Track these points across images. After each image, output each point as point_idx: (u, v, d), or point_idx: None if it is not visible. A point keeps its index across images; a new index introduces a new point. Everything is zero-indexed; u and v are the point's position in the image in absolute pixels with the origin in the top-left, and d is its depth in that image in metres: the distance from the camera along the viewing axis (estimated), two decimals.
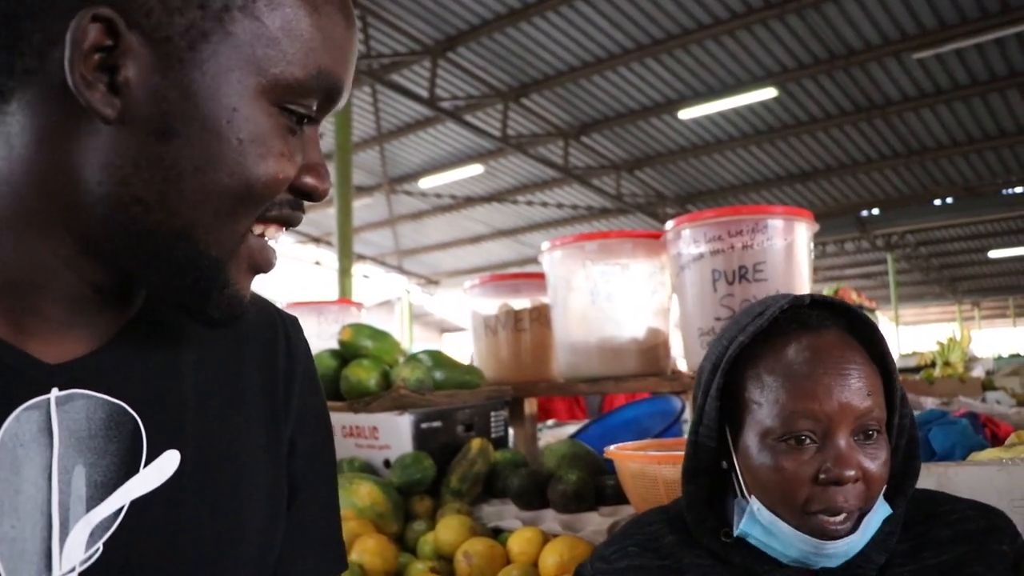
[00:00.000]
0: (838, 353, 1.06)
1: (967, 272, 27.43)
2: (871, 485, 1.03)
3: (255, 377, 0.90)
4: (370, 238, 23.29)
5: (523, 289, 2.85)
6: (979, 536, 1.09)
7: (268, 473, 0.89)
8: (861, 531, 1.03)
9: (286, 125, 0.74)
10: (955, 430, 1.91)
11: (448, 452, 2.34)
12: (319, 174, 0.79)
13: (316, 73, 0.74)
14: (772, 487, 1.05)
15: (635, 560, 1.17)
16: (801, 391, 1.04)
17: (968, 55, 12.22)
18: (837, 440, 1.02)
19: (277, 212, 0.77)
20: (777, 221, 2.20)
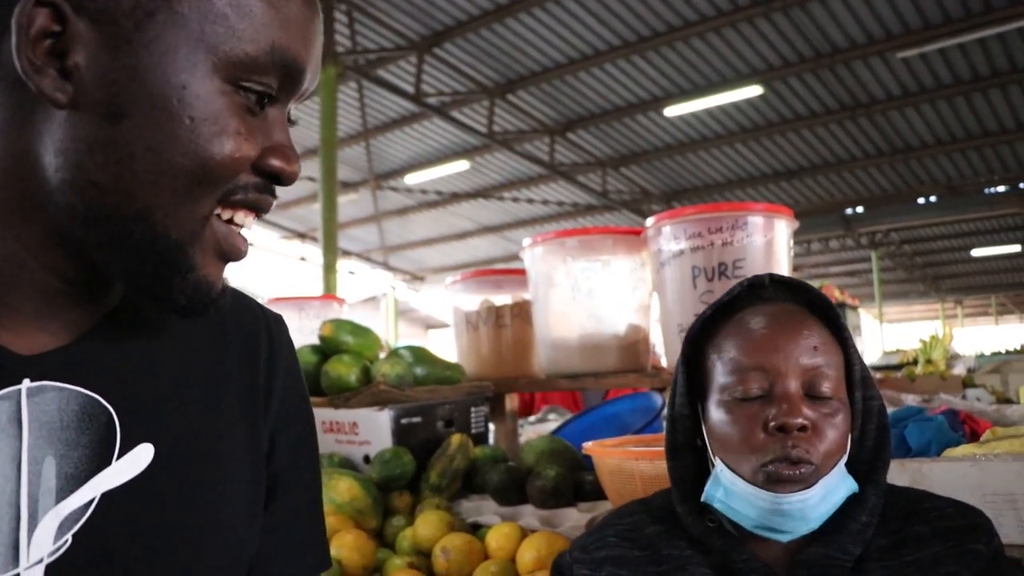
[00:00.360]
0: (790, 317, 1.11)
1: (950, 270, 27.61)
2: (822, 443, 1.05)
3: (236, 373, 0.90)
4: (355, 234, 23.25)
5: (505, 285, 2.86)
6: (957, 534, 1.09)
7: (247, 470, 0.88)
8: (820, 492, 1.04)
9: (243, 104, 0.73)
10: (931, 427, 1.92)
11: (428, 448, 2.34)
12: (285, 155, 0.78)
13: (269, 49, 0.73)
14: (729, 442, 1.09)
15: (613, 550, 1.18)
16: (751, 347, 1.10)
17: (951, 55, 12.28)
18: (785, 388, 1.06)
19: (243, 196, 0.76)
20: (757, 218, 2.20)
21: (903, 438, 1.95)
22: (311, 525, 0.98)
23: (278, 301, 3.41)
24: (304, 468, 0.97)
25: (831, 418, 1.06)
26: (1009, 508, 1.52)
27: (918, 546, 1.09)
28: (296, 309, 3.28)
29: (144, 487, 0.77)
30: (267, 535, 0.91)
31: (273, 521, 0.92)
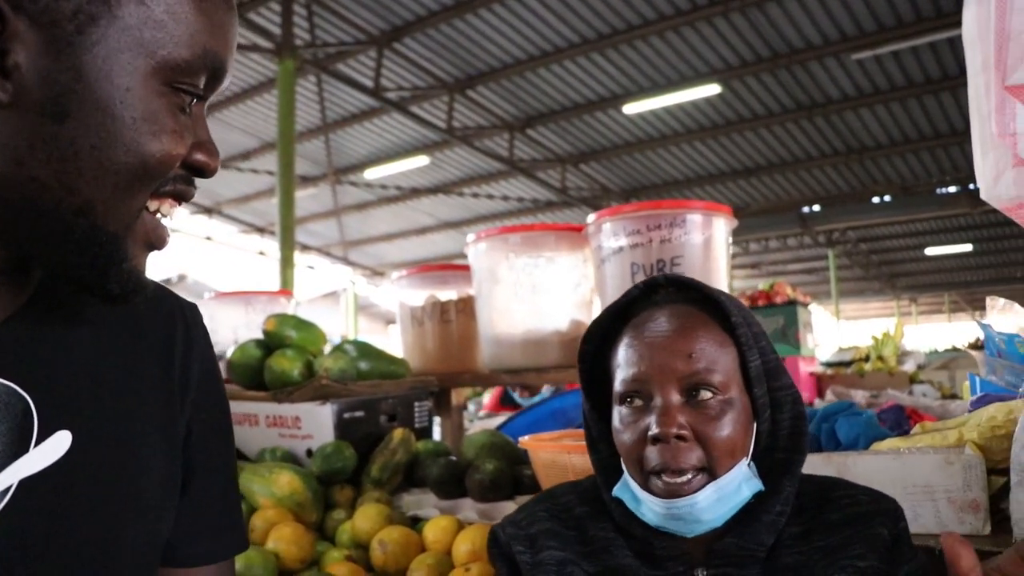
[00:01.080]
0: (669, 322, 1.12)
1: (905, 268, 28.06)
2: (709, 446, 1.06)
3: (152, 361, 0.92)
4: (315, 228, 23.12)
5: (450, 281, 2.88)
6: (865, 519, 1.12)
7: (163, 456, 0.90)
8: (711, 495, 1.06)
9: (177, 104, 0.78)
10: (860, 421, 1.96)
11: (371, 442, 2.35)
12: (209, 151, 0.83)
13: (202, 53, 0.78)
14: (623, 451, 1.12)
15: (545, 524, 1.20)
16: (633, 359, 1.11)
17: (904, 57, 12.49)
18: (660, 399, 1.08)
19: (171, 187, 0.81)
20: (696, 216, 2.24)
21: (833, 432, 1.99)
22: (227, 509, 1.01)
23: (226, 295, 3.40)
24: (219, 454, 1.00)
25: (716, 420, 1.07)
26: (928, 499, 1.57)
27: (828, 532, 1.12)
28: (243, 303, 3.28)
29: (62, 473, 0.79)
30: (184, 519, 0.94)
31: (190, 505, 0.95)
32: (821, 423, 2.02)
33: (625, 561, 1.13)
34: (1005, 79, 1.53)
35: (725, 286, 2.31)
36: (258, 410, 2.46)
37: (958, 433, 1.68)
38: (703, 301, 1.16)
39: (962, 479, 1.54)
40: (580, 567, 1.14)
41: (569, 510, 1.22)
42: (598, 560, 1.14)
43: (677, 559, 1.11)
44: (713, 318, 1.14)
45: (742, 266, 26.46)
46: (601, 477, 1.21)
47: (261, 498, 2.10)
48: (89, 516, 0.81)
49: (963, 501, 1.54)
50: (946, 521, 1.54)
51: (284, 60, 11.74)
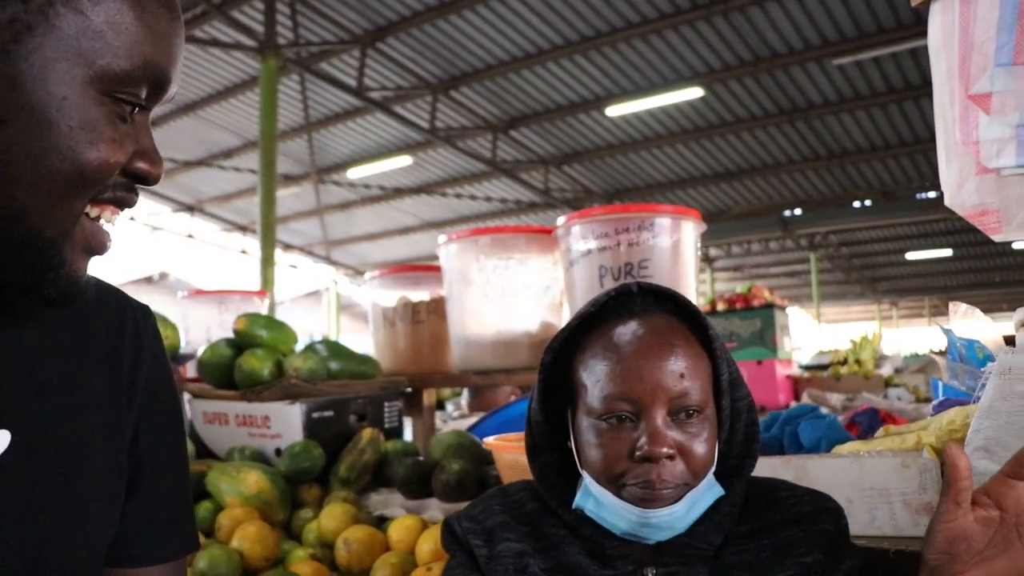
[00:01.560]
0: (655, 337, 1.12)
1: (886, 273, 28.25)
2: (691, 462, 1.08)
3: (99, 364, 0.93)
4: (298, 227, 23.07)
5: (422, 282, 2.89)
6: (808, 518, 1.14)
7: (108, 457, 0.91)
8: (686, 505, 1.08)
9: (116, 113, 0.78)
10: (822, 424, 1.98)
11: (340, 441, 2.36)
12: (151, 159, 0.83)
13: (142, 64, 0.78)
14: (596, 462, 1.11)
15: (500, 518, 1.21)
16: (619, 374, 1.10)
17: (885, 63, 12.58)
18: (651, 419, 1.08)
19: (111, 194, 0.81)
20: (664, 220, 2.26)
21: (796, 435, 2.02)
22: (177, 509, 1.02)
23: (199, 294, 3.40)
24: (169, 455, 1.01)
25: (698, 437, 1.09)
26: (883, 502, 1.59)
27: (774, 531, 1.14)
28: (216, 303, 3.28)
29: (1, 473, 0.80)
30: (132, 519, 0.95)
31: (138, 505, 0.96)
32: (784, 426, 2.04)
33: (576, 559, 1.14)
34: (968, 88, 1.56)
35: (693, 289, 2.34)
36: (228, 409, 2.46)
37: (916, 437, 1.70)
38: (676, 312, 1.17)
39: (918, 482, 1.56)
40: (535, 560, 1.15)
41: (521, 506, 1.23)
42: (550, 556, 1.15)
43: (627, 558, 1.13)
44: (689, 330, 1.15)
45: (724, 269, 26.58)
46: (543, 486, 1.21)
47: (228, 497, 2.11)
48: (27, 516, 0.82)
49: (918, 503, 1.56)
50: (901, 523, 1.56)
51: (267, 59, 11.71)
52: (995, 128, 1.51)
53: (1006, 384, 1.37)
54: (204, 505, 2.14)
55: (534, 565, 1.14)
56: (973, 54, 1.54)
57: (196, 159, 18.36)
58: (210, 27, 12.69)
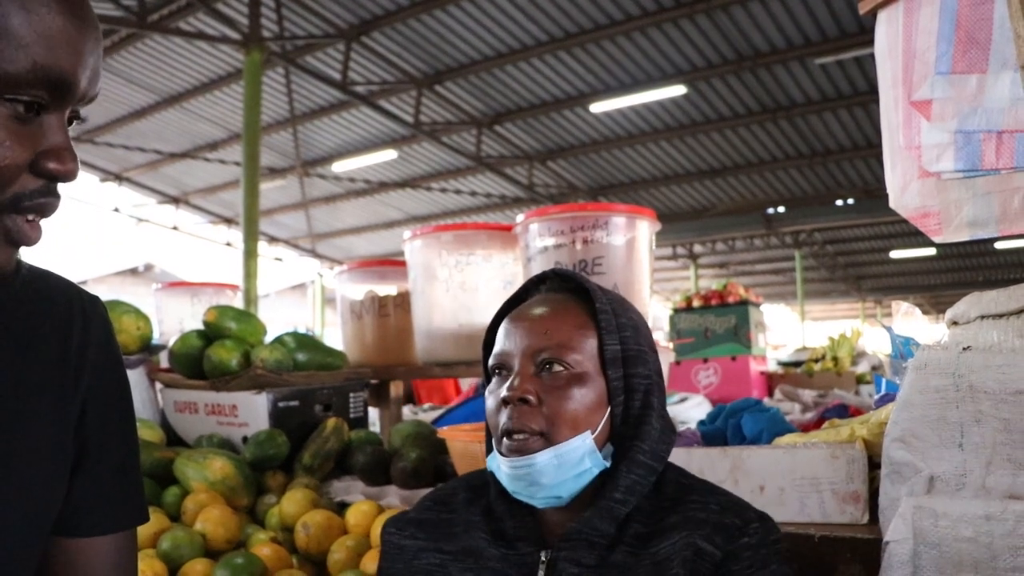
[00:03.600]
0: (539, 307, 1.23)
1: (871, 271, 28.41)
2: (552, 414, 1.14)
3: (45, 349, 0.99)
4: (283, 220, 23.07)
5: (389, 276, 2.96)
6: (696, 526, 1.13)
7: (52, 436, 0.98)
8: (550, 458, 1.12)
9: (10, 115, 0.80)
10: (764, 417, 2.06)
11: (305, 430, 2.43)
12: (60, 157, 0.83)
13: (30, 67, 0.79)
14: (487, 419, 1.23)
15: (423, 514, 1.30)
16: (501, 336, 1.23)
17: (866, 63, 12.66)
18: (515, 368, 1.18)
19: (30, 203, 0.83)
20: (619, 218, 2.34)
21: (739, 427, 2.10)
22: (126, 483, 1.09)
23: (173, 286, 3.47)
24: (117, 432, 1.08)
25: (560, 391, 1.15)
26: (813, 491, 1.68)
27: (663, 537, 1.14)
28: (189, 295, 3.35)
29: None
30: (81, 492, 1.02)
31: (87, 479, 1.03)
32: (728, 419, 2.12)
33: (478, 542, 1.20)
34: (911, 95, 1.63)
35: (646, 285, 2.41)
36: (197, 398, 2.53)
37: (851, 429, 1.78)
38: (580, 291, 1.26)
39: (845, 472, 1.65)
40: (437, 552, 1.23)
41: (454, 495, 1.32)
42: (458, 541, 1.23)
43: (526, 540, 1.18)
44: (582, 306, 1.23)
45: (709, 265, 26.71)
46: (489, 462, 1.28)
47: (194, 482, 2.18)
48: None
49: (846, 492, 1.64)
50: (829, 511, 1.65)
51: (251, 52, 11.72)
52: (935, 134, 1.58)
53: (922, 378, 1.44)
54: (172, 490, 2.21)
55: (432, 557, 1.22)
56: (915, 62, 1.61)
57: (181, 151, 18.34)
58: (195, 19, 12.68)
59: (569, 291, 1.27)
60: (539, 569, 1.16)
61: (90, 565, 1.05)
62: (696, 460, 1.78)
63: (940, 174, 1.57)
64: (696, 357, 7.09)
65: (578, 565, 1.13)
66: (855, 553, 1.53)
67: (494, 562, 1.18)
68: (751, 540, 1.13)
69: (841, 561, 1.55)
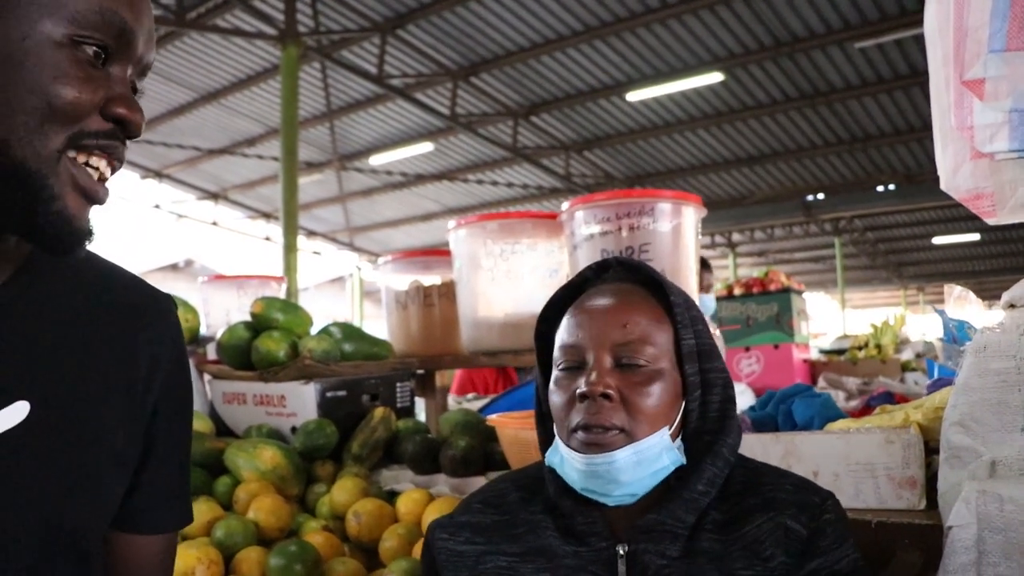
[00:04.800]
0: (609, 296, 1.21)
1: (912, 257, 28.03)
2: (634, 410, 1.13)
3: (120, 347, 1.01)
4: (321, 214, 23.23)
5: (433, 266, 2.97)
6: (778, 507, 1.15)
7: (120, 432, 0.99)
8: (630, 456, 1.11)
9: (82, 58, 0.86)
10: (816, 403, 2.04)
11: (352, 420, 2.44)
12: (127, 103, 0.89)
13: (98, 9, 0.86)
14: (554, 411, 1.19)
15: (475, 516, 1.28)
16: (573, 326, 1.20)
17: (907, 46, 12.50)
18: (592, 363, 1.15)
19: (94, 141, 0.88)
20: (665, 205, 2.31)
21: (790, 413, 2.08)
22: (180, 485, 1.11)
23: (219, 279, 3.50)
24: (179, 435, 1.10)
25: (641, 387, 1.13)
26: (868, 476, 1.66)
27: (746, 520, 1.15)
28: (235, 287, 3.38)
29: (19, 439, 0.88)
30: (140, 491, 1.04)
31: (147, 479, 1.05)
32: (779, 404, 2.10)
33: (548, 541, 1.19)
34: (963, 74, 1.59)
35: (693, 272, 2.39)
36: (246, 389, 2.55)
37: (905, 415, 1.76)
38: (647, 283, 1.25)
39: (901, 457, 1.63)
40: (500, 555, 1.20)
41: (504, 496, 1.30)
42: (524, 542, 1.21)
43: (599, 535, 1.16)
44: (654, 298, 1.22)
45: (748, 254, 26.51)
46: (543, 453, 1.27)
47: (245, 472, 2.20)
48: (42, 478, 0.90)
49: (902, 478, 1.62)
50: (885, 496, 1.62)
51: (288, 47, 11.81)
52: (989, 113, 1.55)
53: (981, 362, 1.42)
54: (223, 480, 2.23)
55: (498, 560, 1.20)
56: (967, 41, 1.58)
57: (219, 147, 18.53)
58: (231, 16, 12.80)
59: (633, 282, 1.25)
60: (618, 563, 1.14)
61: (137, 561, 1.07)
62: (749, 446, 1.77)
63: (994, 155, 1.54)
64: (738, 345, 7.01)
65: (663, 556, 1.13)
66: (913, 539, 1.51)
67: (568, 559, 1.16)
68: (831, 516, 1.16)
69: (899, 547, 1.53)
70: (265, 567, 1.83)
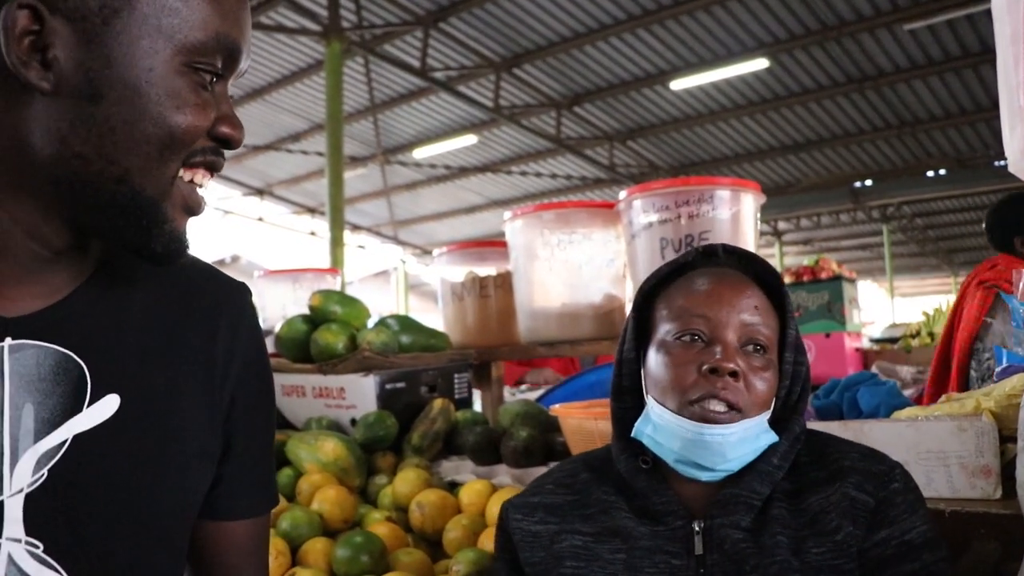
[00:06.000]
0: (735, 279, 1.23)
1: (962, 244, 27.48)
2: (751, 391, 1.15)
3: (199, 337, 1.02)
4: (365, 208, 23.34)
5: (489, 257, 2.97)
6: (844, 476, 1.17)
7: (203, 422, 1.01)
8: (739, 432, 1.13)
9: (197, 82, 0.88)
10: (881, 391, 2.02)
11: (412, 411, 2.46)
12: (232, 123, 0.93)
13: (215, 35, 0.88)
14: (662, 380, 1.19)
15: (547, 497, 1.28)
16: (697, 298, 1.21)
17: (959, 26, 12.23)
18: (724, 339, 1.17)
19: (201, 158, 0.91)
20: (724, 192, 2.30)
21: (855, 401, 2.05)
22: (265, 470, 1.13)
23: (274, 273, 3.54)
24: (260, 423, 1.11)
25: (761, 372, 1.17)
26: (940, 465, 1.63)
27: (814, 490, 1.18)
28: (291, 281, 3.41)
29: (111, 431, 0.90)
30: (225, 479, 1.06)
31: (231, 467, 1.06)
32: (844, 392, 2.08)
33: (622, 522, 1.20)
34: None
35: None
36: (305, 382, 2.58)
37: (975, 402, 1.72)
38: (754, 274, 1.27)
39: (975, 445, 1.59)
40: (575, 534, 1.21)
41: (575, 476, 1.31)
42: (597, 522, 1.22)
43: (676, 513, 1.18)
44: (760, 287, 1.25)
45: (793, 243, 26.19)
46: (616, 428, 1.29)
47: (307, 464, 2.22)
48: (133, 469, 0.92)
49: (975, 466, 1.59)
50: (958, 486, 1.59)
51: (331, 42, 11.87)
52: None
53: None
54: (285, 472, 2.26)
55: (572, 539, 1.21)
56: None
57: (265, 143, 18.68)
58: (275, 13, 12.89)
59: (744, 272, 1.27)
60: (695, 540, 1.16)
61: (231, 546, 1.09)
62: None
63: None
64: None
65: (738, 528, 1.15)
66: (990, 529, 1.48)
67: (645, 540, 1.18)
68: (899, 485, 1.17)
69: (975, 537, 1.50)
70: (331, 558, 1.85)
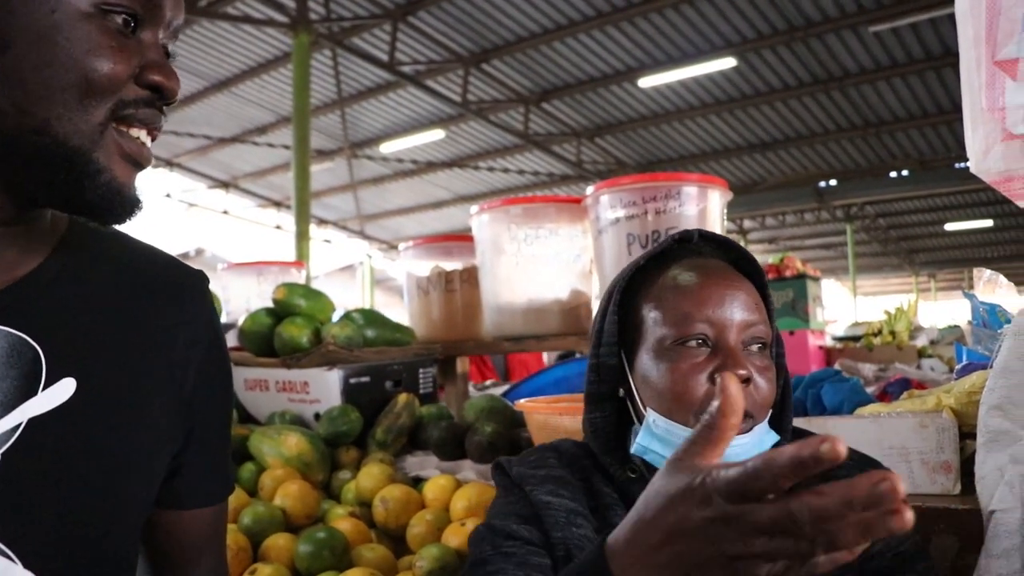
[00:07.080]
0: (726, 273, 1.15)
1: (924, 244, 27.89)
2: (759, 393, 1.09)
3: (159, 323, 1.01)
4: (332, 202, 23.23)
5: (455, 252, 2.95)
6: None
7: (162, 408, 0.99)
8: (754, 439, 1.08)
9: (111, 27, 0.85)
10: (845, 387, 2.02)
11: (376, 406, 2.43)
12: (163, 71, 0.89)
13: None
14: (667, 391, 1.10)
15: (555, 471, 1.20)
16: (696, 299, 1.11)
17: (923, 29, 12.40)
18: (730, 342, 1.09)
19: (133, 111, 0.88)
20: (691, 188, 2.30)
21: (819, 398, 2.06)
22: (223, 458, 1.12)
23: (238, 266, 3.50)
24: (219, 411, 1.10)
25: (766, 372, 1.11)
26: (902, 460, 1.64)
27: None
28: (255, 274, 3.38)
29: (67, 415, 0.88)
30: (187, 466, 1.04)
31: (190, 456, 1.04)
32: (808, 389, 2.08)
33: None
34: (995, 54, 1.57)
35: None
36: (268, 375, 2.55)
37: (936, 399, 1.74)
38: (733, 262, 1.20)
39: (935, 441, 1.61)
40: (586, 523, 1.14)
41: (577, 460, 1.23)
42: (601, 517, 1.16)
43: None
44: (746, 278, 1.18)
45: (759, 241, 26.40)
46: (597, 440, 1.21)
47: (270, 458, 2.19)
48: (90, 454, 0.90)
49: (936, 462, 1.61)
50: (919, 481, 1.61)
51: (299, 35, 11.80)
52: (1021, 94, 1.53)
53: (1020, 344, 1.40)
54: (247, 466, 2.23)
55: (586, 526, 1.13)
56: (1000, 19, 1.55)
57: (230, 136, 18.52)
58: (242, 4, 12.77)
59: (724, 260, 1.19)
60: None
61: (190, 534, 1.08)
62: None
63: None
64: None
65: None
66: (949, 524, 1.50)
67: None
68: None
69: (934, 532, 1.51)
70: (293, 553, 1.83)
